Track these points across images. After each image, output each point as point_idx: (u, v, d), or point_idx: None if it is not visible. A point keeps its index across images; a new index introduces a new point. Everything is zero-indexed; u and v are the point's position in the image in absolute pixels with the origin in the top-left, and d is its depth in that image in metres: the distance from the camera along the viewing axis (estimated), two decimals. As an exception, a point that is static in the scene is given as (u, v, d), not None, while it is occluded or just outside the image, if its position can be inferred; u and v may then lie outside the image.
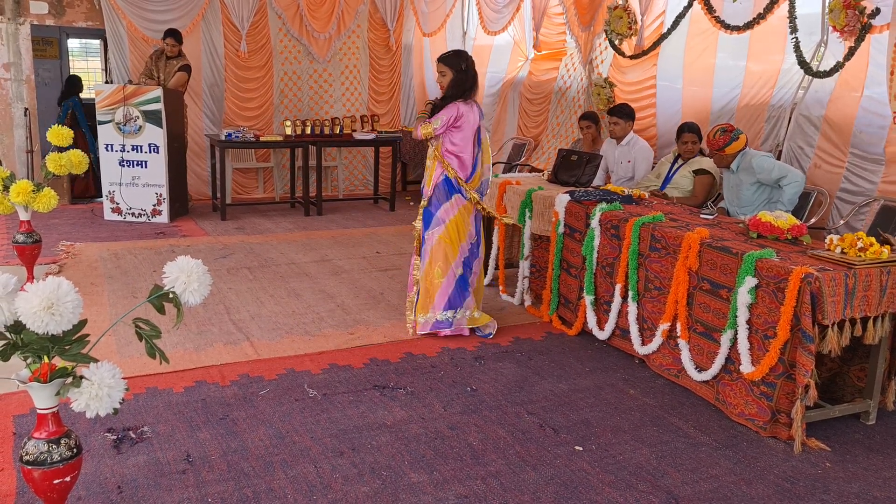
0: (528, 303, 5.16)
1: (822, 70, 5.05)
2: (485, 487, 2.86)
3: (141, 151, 7.36)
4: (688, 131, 5.36)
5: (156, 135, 7.31)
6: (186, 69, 7.85)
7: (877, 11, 4.58)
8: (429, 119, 4.39)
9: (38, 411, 2.17)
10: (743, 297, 3.40)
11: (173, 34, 7.75)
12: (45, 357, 2.08)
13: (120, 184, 7.44)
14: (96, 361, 2.12)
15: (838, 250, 3.42)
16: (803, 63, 5.11)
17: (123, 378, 2.16)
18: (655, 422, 3.49)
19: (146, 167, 7.39)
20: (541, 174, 6.30)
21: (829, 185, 5.02)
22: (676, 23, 6.15)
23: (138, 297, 4.97)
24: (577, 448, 3.20)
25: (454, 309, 4.47)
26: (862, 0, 4.61)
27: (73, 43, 10.04)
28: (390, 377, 3.89)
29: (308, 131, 8.27)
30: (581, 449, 3.19)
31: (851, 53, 4.77)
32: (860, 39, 4.70)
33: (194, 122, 8.72)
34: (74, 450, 2.20)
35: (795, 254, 3.52)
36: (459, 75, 4.36)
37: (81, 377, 2.10)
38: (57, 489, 2.19)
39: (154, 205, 7.51)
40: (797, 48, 5.13)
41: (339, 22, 9.52)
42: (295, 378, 3.84)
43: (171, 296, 2.18)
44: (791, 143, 5.31)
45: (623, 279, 4.23)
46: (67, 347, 2.08)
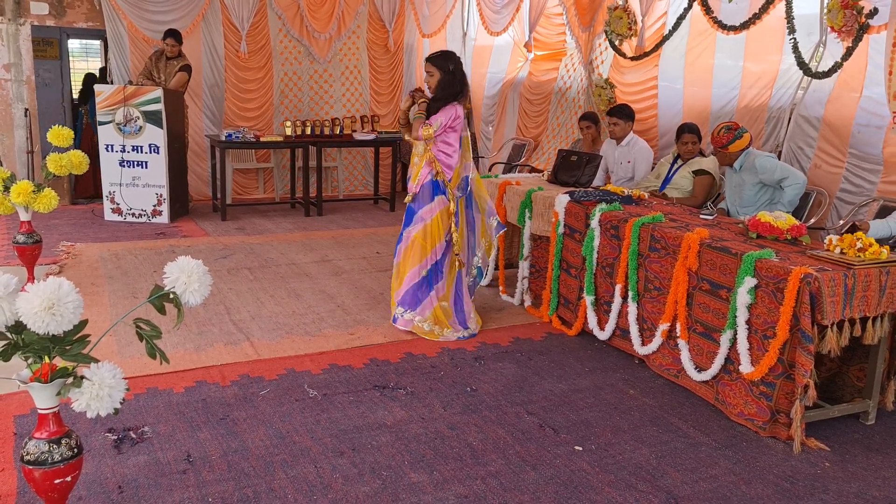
0: (528, 303, 5.17)
1: (821, 71, 5.05)
2: (485, 487, 2.87)
3: (141, 152, 7.37)
4: (687, 132, 5.36)
5: (156, 135, 7.32)
6: (187, 69, 7.85)
7: (875, 11, 4.58)
8: (428, 122, 4.39)
9: (39, 411, 2.18)
10: (742, 298, 3.41)
11: (173, 34, 7.75)
12: (46, 357, 2.08)
13: (120, 184, 7.44)
14: (97, 361, 2.13)
15: (837, 250, 3.42)
16: (802, 64, 5.11)
17: (124, 378, 2.16)
18: (655, 422, 3.49)
19: (146, 168, 7.40)
20: (541, 174, 6.30)
21: (829, 186, 5.02)
22: (678, 24, 6.15)
23: (139, 298, 4.97)
24: (577, 448, 3.21)
25: (405, 308, 4.48)
26: (860, 0, 4.62)
27: (74, 43, 10.07)
28: (390, 377, 3.90)
29: (308, 132, 8.29)
30: (581, 449, 3.20)
31: (849, 54, 4.77)
32: (858, 39, 4.70)
33: (194, 123, 8.72)
34: (75, 450, 2.21)
35: (795, 254, 3.52)
36: (447, 76, 4.37)
37: (82, 377, 2.10)
38: (58, 489, 2.20)
39: (154, 205, 7.52)
40: (795, 49, 5.13)
41: (340, 22, 9.53)
42: (295, 378, 3.85)
43: (172, 296, 2.18)
44: (791, 144, 5.32)
45: (623, 279, 4.23)
46: (68, 348, 2.08)
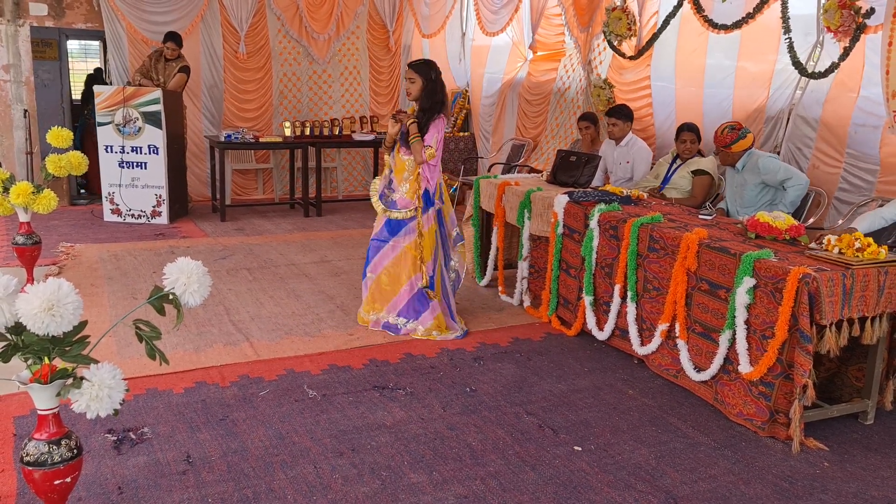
0: (527, 303, 5.17)
1: (817, 71, 5.05)
2: (484, 488, 2.87)
3: (140, 153, 7.37)
4: (686, 130, 5.37)
5: (155, 136, 7.32)
6: (186, 70, 7.85)
7: (871, 11, 4.58)
8: (427, 143, 4.39)
9: (39, 412, 2.18)
10: (741, 298, 3.41)
11: (174, 38, 7.74)
12: (46, 358, 2.08)
13: (119, 185, 7.44)
14: (96, 362, 2.13)
15: (836, 250, 3.42)
16: (797, 64, 5.10)
17: (123, 379, 2.16)
18: (654, 422, 3.49)
19: (146, 168, 7.40)
20: (539, 175, 6.31)
21: (827, 186, 5.02)
22: (666, 22, 6.14)
23: (138, 299, 4.97)
24: (576, 448, 3.21)
25: (407, 318, 4.54)
26: (857, 0, 4.62)
27: (73, 44, 10.06)
28: (390, 378, 3.90)
29: (307, 132, 8.29)
30: (580, 449, 3.20)
31: (846, 54, 4.77)
32: (854, 39, 4.70)
33: (193, 124, 8.73)
34: (75, 451, 2.21)
35: (793, 254, 3.52)
36: (429, 84, 4.41)
37: (82, 378, 2.11)
38: (57, 490, 2.20)
39: (154, 206, 7.52)
40: (791, 49, 5.13)
41: (339, 23, 9.53)
42: (295, 379, 3.85)
43: (171, 297, 2.19)
44: (789, 144, 5.32)
45: (622, 280, 4.24)
46: (68, 349, 2.08)
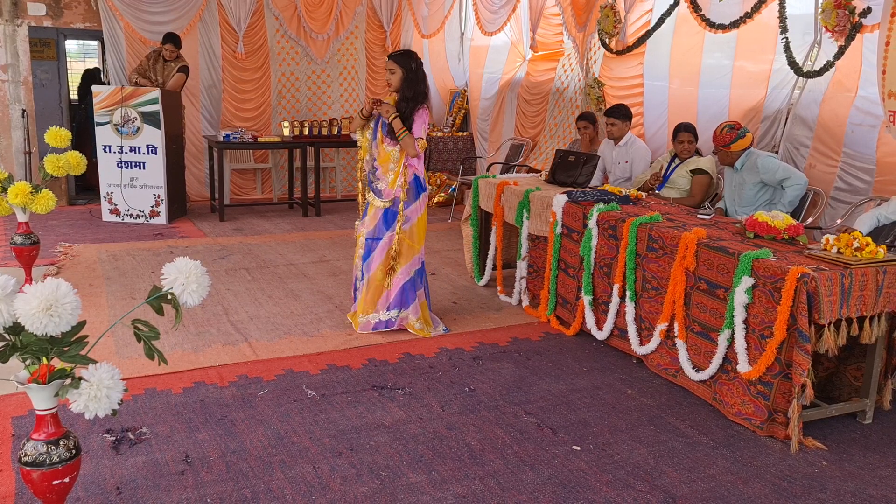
0: (526, 303, 5.17)
1: (813, 70, 5.05)
2: (483, 487, 2.87)
3: (139, 153, 7.36)
4: (683, 130, 5.37)
5: (154, 136, 7.31)
6: (185, 70, 7.84)
7: (868, 10, 4.58)
8: (418, 136, 4.39)
9: (37, 412, 2.18)
10: (740, 297, 3.41)
11: (172, 39, 7.71)
12: (44, 358, 2.08)
13: (118, 185, 7.44)
14: (95, 363, 2.13)
15: (834, 250, 3.43)
16: (793, 63, 5.10)
17: (122, 379, 2.16)
18: (653, 421, 3.50)
19: (144, 168, 7.39)
20: (538, 175, 6.31)
21: (824, 186, 5.02)
22: (661, 21, 6.14)
23: (137, 299, 4.97)
24: (575, 448, 3.21)
25: (398, 309, 4.54)
26: (853, 0, 4.62)
27: (71, 44, 10.06)
28: (388, 377, 3.90)
29: (306, 132, 8.29)
30: (579, 448, 3.20)
31: (841, 53, 4.77)
32: (851, 39, 4.70)
33: (192, 124, 8.72)
34: (73, 451, 2.21)
35: (792, 254, 3.53)
36: (409, 74, 4.40)
37: (80, 378, 2.10)
38: (56, 490, 2.20)
39: (152, 206, 7.51)
40: (787, 48, 5.13)
41: (337, 23, 9.54)
42: (293, 379, 3.85)
43: (170, 297, 2.18)
44: (787, 144, 5.32)
45: (621, 279, 4.24)
46: (66, 349, 2.08)
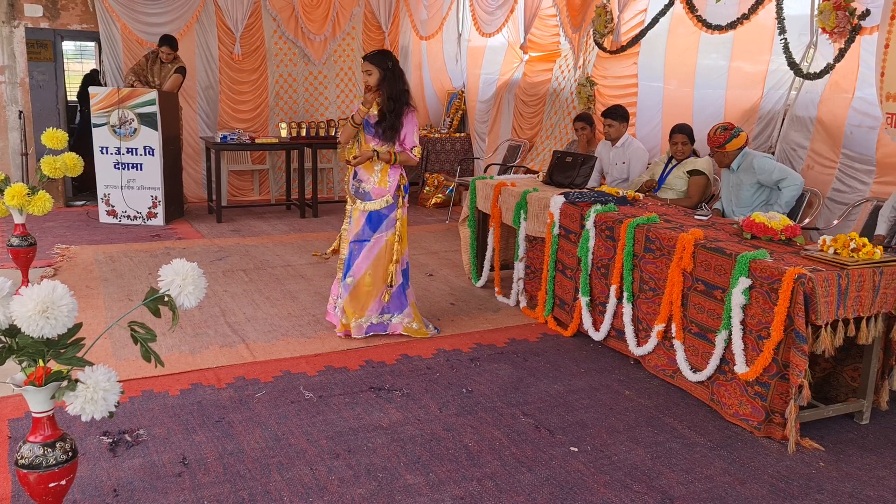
0: (524, 304, 5.17)
1: (812, 72, 5.06)
2: (480, 489, 2.87)
3: (136, 154, 7.35)
4: (678, 132, 5.36)
5: (151, 137, 7.30)
6: (182, 71, 7.83)
7: (867, 13, 4.59)
8: (415, 144, 4.41)
9: (34, 415, 2.17)
10: (737, 298, 3.42)
11: (168, 42, 7.68)
12: (41, 361, 2.08)
13: (116, 186, 7.43)
14: (91, 365, 2.13)
15: (831, 251, 3.43)
16: (793, 64, 5.11)
17: (119, 381, 2.16)
18: (650, 422, 3.50)
19: (141, 170, 7.38)
20: (536, 176, 6.31)
21: (822, 187, 5.03)
22: (655, 21, 6.15)
23: (134, 300, 4.96)
24: (573, 449, 3.21)
25: (392, 313, 4.51)
26: (852, 1, 4.63)
27: (68, 45, 10.04)
28: (386, 379, 3.90)
29: (303, 133, 8.28)
30: (576, 450, 3.20)
31: (841, 55, 4.78)
32: (850, 41, 4.71)
33: (189, 125, 8.72)
34: (70, 453, 2.21)
35: (789, 254, 3.53)
36: (387, 73, 4.37)
37: (77, 380, 2.10)
38: (52, 493, 2.19)
39: (149, 207, 7.50)
40: (786, 49, 5.14)
41: (335, 24, 9.53)
42: (291, 380, 3.84)
43: (167, 299, 2.18)
44: (784, 145, 5.33)
45: (618, 280, 4.24)
46: (63, 351, 2.08)
